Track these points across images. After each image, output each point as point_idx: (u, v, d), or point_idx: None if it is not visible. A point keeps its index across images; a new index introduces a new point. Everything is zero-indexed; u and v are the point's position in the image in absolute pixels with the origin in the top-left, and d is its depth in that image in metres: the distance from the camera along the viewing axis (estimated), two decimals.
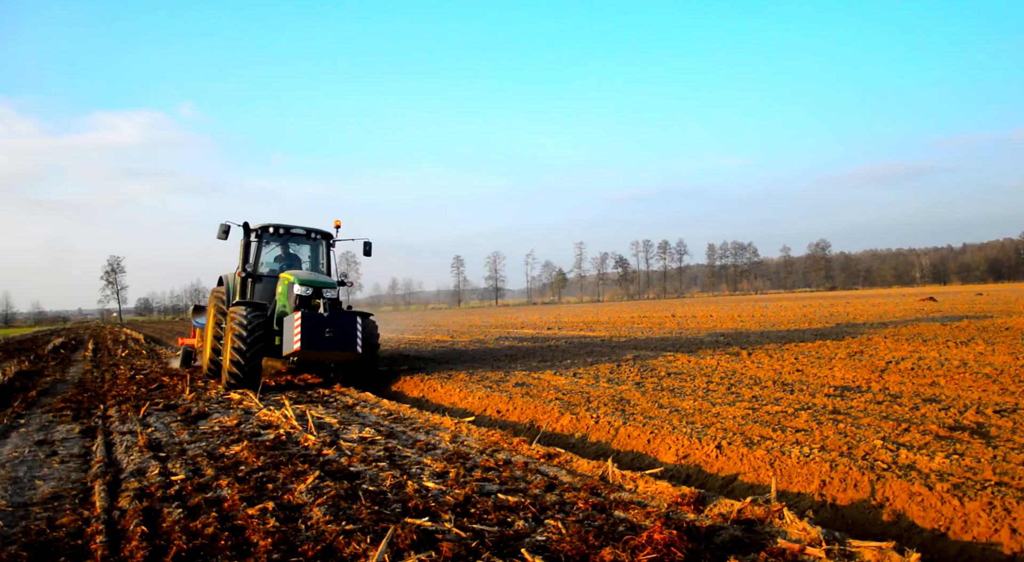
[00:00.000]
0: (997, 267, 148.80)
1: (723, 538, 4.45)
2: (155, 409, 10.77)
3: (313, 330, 11.67)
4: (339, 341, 11.92)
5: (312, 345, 11.66)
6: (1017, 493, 4.74)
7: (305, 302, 12.64)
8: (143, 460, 7.11)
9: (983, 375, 10.07)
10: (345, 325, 12.10)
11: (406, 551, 4.29)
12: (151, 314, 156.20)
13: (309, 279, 12.81)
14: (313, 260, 15.08)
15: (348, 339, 12.08)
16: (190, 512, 5.24)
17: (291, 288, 12.84)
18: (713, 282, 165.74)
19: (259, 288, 13.98)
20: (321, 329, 11.75)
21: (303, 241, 14.83)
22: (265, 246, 14.34)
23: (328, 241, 14.83)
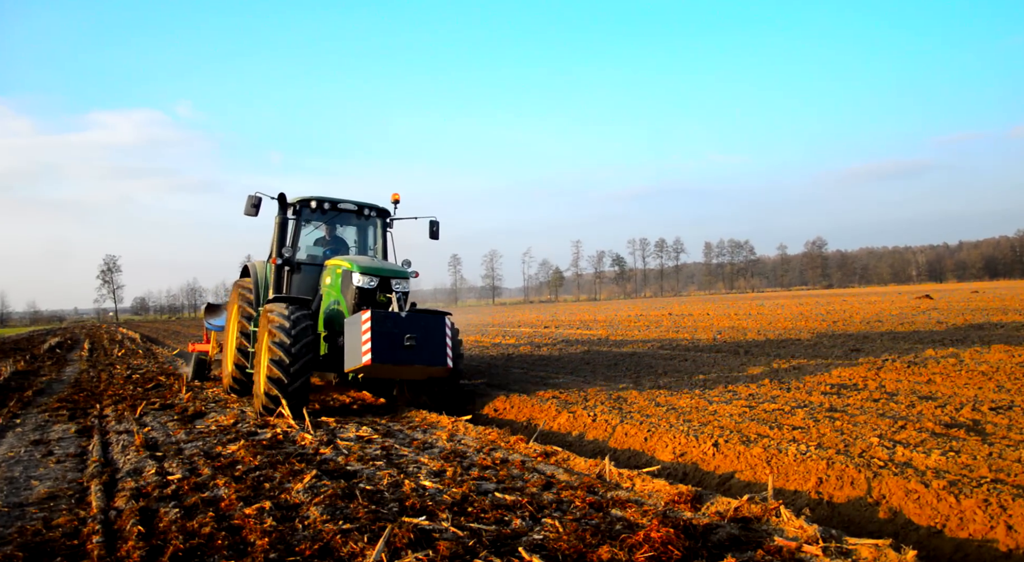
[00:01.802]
0: (993, 265, 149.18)
1: (720, 536, 4.45)
2: (152, 408, 10.75)
3: (388, 336, 8.67)
4: (424, 351, 8.86)
5: (387, 357, 8.60)
6: (1013, 490, 4.75)
7: (368, 297, 9.73)
8: (139, 460, 7.10)
9: (979, 373, 10.09)
10: (431, 329, 9.01)
11: (403, 550, 4.29)
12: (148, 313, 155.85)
13: (373, 266, 9.82)
14: (361, 243, 12.00)
15: (435, 348, 8.98)
16: (187, 512, 5.23)
17: (347, 279, 9.86)
18: (710, 280, 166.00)
19: (296, 280, 10.92)
20: (398, 335, 8.71)
21: (351, 220, 11.71)
22: (303, 226, 11.28)
23: (384, 220, 11.67)
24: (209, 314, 15.82)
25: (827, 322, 23.62)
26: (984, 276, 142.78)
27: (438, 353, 8.96)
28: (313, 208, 11.03)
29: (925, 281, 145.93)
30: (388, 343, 8.62)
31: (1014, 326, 17.99)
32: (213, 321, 15.23)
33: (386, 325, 8.69)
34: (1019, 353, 12.02)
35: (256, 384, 9.46)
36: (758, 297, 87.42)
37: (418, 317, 9.08)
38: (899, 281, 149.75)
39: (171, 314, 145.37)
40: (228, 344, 11.84)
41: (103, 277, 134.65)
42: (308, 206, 11.00)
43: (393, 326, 8.72)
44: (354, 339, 8.75)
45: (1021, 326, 17.91)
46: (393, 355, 8.63)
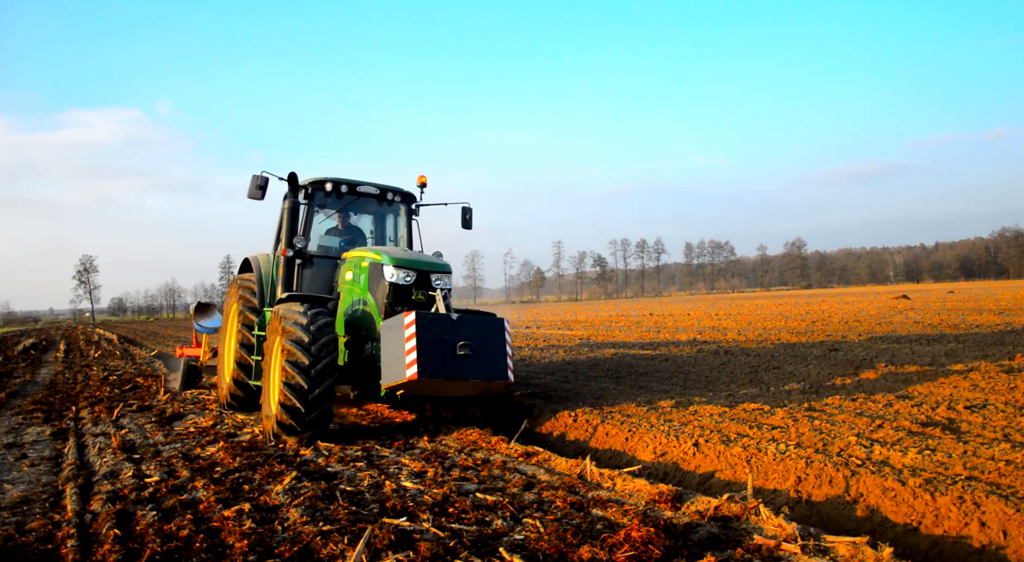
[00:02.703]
0: (968, 265, 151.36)
1: (700, 535, 4.48)
2: (129, 410, 10.62)
3: (437, 344, 7.10)
4: (479, 362, 7.27)
5: (437, 370, 7.04)
6: (986, 487, 4.82)
7: (402, 296, 8.10)
8: (116, 462, 7.01)
9: (956, 372, 10.23)
10: (488, 334, 7.48)
11: (384, 551, 4.27)
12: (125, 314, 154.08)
13: (409, 258, 8.28)
14: (379, 233, 10.46)
15: (494, 358, 7.40)
16: (164, 514, 5.18)
17: (376, 274, 8.25)
18: (691, 281, 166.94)
19: (306, 276, 9.34)
20: (449, 342, 7.16)
21: (370, 206, 10.16)
22: (315, 214, 9.76)
23: (410, 206, 10.19)
24: (199, 315, 14.00)
25: (806, 322, 23.84)
26: (960, 277, 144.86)
27: (497, 364, 7.40)
28: (328, 191, 9.43)
29: (902, 282, 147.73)
30: (438, 353, 7.04)
31: (988, 325, 18.26)
32: (204, 323, 13.68)
33: (434, 330, 7.13)
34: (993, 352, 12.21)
35: (266, 402, 7.90)
36: (738, 297, 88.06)
37: (472, 320, 7.56)
38: (877, 282, 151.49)
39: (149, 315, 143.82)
40: (225, 350, 10.40)
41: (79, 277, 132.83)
42: (322, 189, 9.41)
43: (442, 331, 7.17)
44: (393, 348, 7.16)
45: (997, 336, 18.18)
46: (444, 368, 7.06)
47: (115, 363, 20.50)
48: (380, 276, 8.19)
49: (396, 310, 7.90)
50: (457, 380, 7.23)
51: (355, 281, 8.60)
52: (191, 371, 12.99)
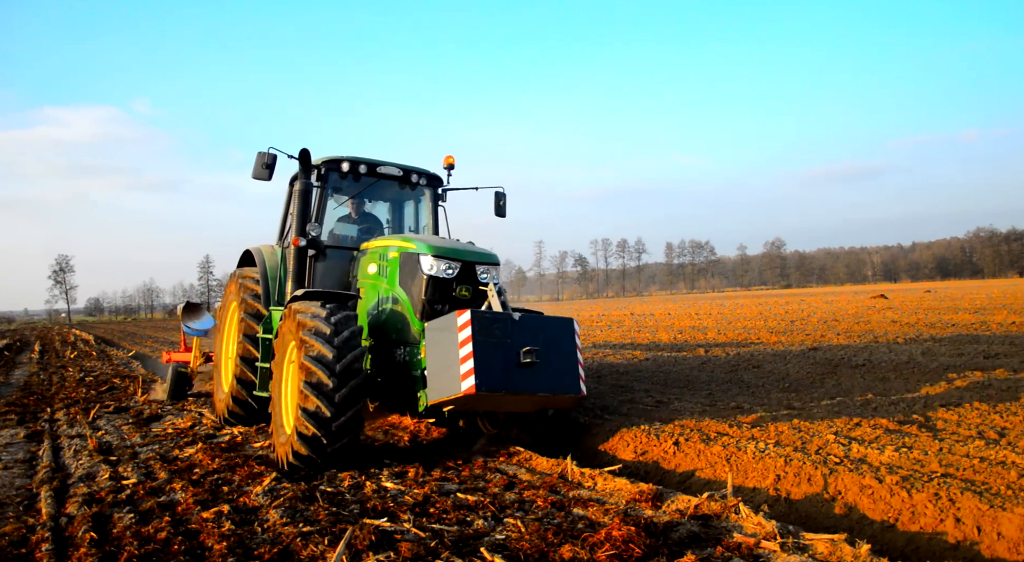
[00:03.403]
0: (944, 265, 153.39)
1: (680, 534, 4.50)
2: (106, 412, 10.49)
3: (497, 350, 5.92)
4: (547, 372, 6.08)
5: (499, 382, 5.83)
6: (961, 484, 4.89)
7: (443, 292, 6.94)
8: (93, 464, 6.92)
9: (931, 370, 10.37)
10: (556, 338, 6.29)
11: (364, 552, 4.25)
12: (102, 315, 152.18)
13: (451, 247, 7.09)
14: (396, 222, 9.26)
15: (563, 367, 6.21)
16: (142, 517, 5.12)
17: (409, 266, 7.07)
18: (671, 280, 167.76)
19: (319, 269, 8.03)
20: (511, 347, 5.97)
21: (390, 191, 8.89)
22: (329, 198, 8.47)
23: (436, 190, 8.94)
24: (188, 315, 12.90)
25: (785, 322, 24.05)
26: (936, 276, 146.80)
27: (567, 374, 6.18)
28: (344, 172, 8.19)
29: (880, 281, 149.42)
30: (499, 361, 5.86)
31: (964, 324, 18.53)
32: (193, 324, 12.67)
33: (494, 333, 5.94)
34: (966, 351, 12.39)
35: (278, 422, 6.69)
36: (718, 297, 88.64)
37: (537, 321, 6.31)
38: (855, 281, 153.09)
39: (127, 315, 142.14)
40: (223, 356, 9.27)
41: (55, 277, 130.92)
42: (337, 169, 8.17)
43: (503, 335, 5.98)
44: (444, 355, 5.97)
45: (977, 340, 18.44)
46: (506, 379, 5.84)
47: (91, 364, 20.24)
48: (415, 268, 6.96)
49: (436, 309, 6.81)
50: (522, 394, 5.97)
51: (380, 275, 7.40)
52: (180, 378, 11.76)
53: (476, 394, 5.74)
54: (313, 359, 6.03)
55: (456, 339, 5.89)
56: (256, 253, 8.85)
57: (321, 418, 5.94)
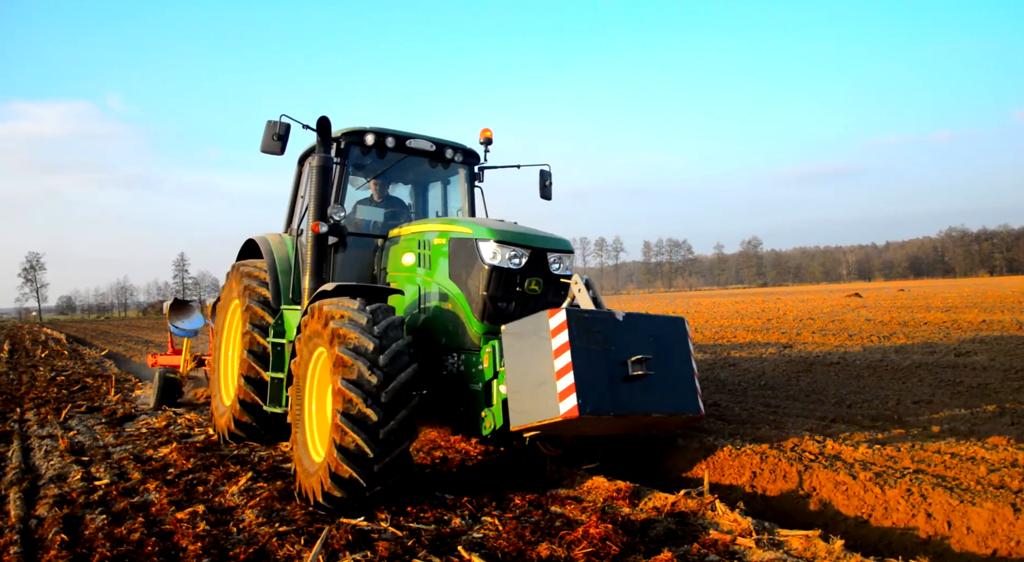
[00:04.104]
0: (917, 264, 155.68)
1: (657, 531, 4.52)
2: (78, 411, 10.33)
3: (600, 360, 4.82)
4: (661, 386, 4.99)
5: (607, 402, 4.72)
6: (933, 480, 4.97)
7: (507, 287, 5.77)
8: (64, 465, 6.81)
9: (904, 369, 10.52)
10: (669, 344, 5.21)
11: (341, 552, 4.23)
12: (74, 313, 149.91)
13: (518, 232, 5.94)
14: (421, 206, 8.04)
15: (679, 379, 5.16)
16: (115, 518, 5.05)
17: (464, 254, 5.91)
18: (649, 279, 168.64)
19: (338, 261, 6.78)
20: (615, 356, 4.88)
21: (415, 169, 7.69)
22: (349, 176, 7.19)
23: (472, 168, 7.72)
24: (175, 314, 11.65)
25: (761, 320, 24.28)
26: (909, 275, 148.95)
27: (683, 390, 5.12)
28: (367, 146, 6.99)
29: (855, 280, 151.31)
30: (603, 374, 4.76)
31: (936, 323, 18.83)
32: (182, 324, 11.45)
33: (595, 338, 4.83)
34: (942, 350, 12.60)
35: (302, 448, 5.50)
36: (695, 296, 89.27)
37: (645, 322, 5.19)
38: (830, 280, 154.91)
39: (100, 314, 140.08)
40: (223, 362, 8.09)
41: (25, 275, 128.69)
42: (359, 143, 6.97)
43: (607, 339, 4.88)
44: (532, 367, 4.87)
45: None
46: (615, 398, 4.73)
47: (63, 363, 19.92)
48: (472, 257, 5.79)
49: (500, 307, 5.71)
50: (632, 416, 4.83)
51: (421, 266, 6.28)
52: (169, 384, 10.64)
53: (580, 417, 4.56)
54: (352, 384, 4.84)
55: (549, 347, 4.76)
56: (262, 243, 7.58)
57: (361, 459, 4.78)
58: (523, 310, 5.65)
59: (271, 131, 6.38)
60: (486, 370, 5.45)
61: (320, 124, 6.40)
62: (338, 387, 4.87)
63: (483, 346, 5.57)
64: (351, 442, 4.79)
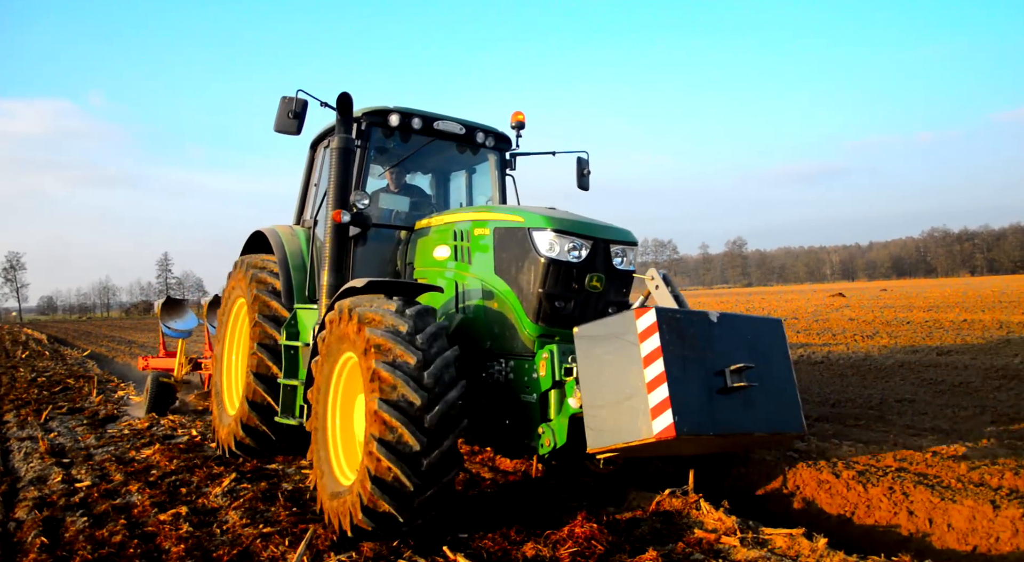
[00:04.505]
0: (900, 264, 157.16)
1: (642, 530, 4.54)
2: (58, 413, 10.21)
3: (696, 369, 4.22)
4: (762, 399, 4.42)
5: (706, 419, 4.13)
6: (914, 477, 5.02)
7: (566, 281, 5.12)
8: (44, 467, 6.74)
9: (886, 368, 10.61)
10: (765, 347, 4.63)
11: (326, 553, 4.21)
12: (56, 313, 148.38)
13: (579, 221, 5.29)
14: (443, 196, 7.38)
15: (781, 391, 4.58)
16: (96, 520, 5.00)
17: (512, 246, 5.28)
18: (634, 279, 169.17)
19: (357, 255, 6.09)
20: (710, 364, 4.29)
21: (439, 156, 7.00)
22: (371, 160, 6.55)
23: (503, 155, 7.12)
24: (168, 314, 11.06)
25: None
26: (892, 275, 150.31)
27: (785, 403, 4.56)
28: (391, 128, 6.37)
29: (839, 280, 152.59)
30: (700, 386, 4.16)
31: (918, 322, 19.02)
32: (174, 324, 10.85)
33: (689, 343, 4.22)
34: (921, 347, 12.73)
35: (325, 468, 4.87)
36: None
37: (743, 324, 4.62)
38: (815, 280, 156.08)
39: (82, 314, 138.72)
40: (225, 367, 7.36)
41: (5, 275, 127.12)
42: (382, 124, 6.36)
43: (700, 344, 4.27)
44: (615, 378, 4.24)
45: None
46: (713, 415, 4.14)
47: (44, 364, 19.69)
48: (525, 250, 5.15)
49: (557, 306, 5.06)
50: (733, 435, 4.25)
51: (458, 260, 5.64)
52: (162, 389, 9.83)
53: (676, 439, 3.94)
54: (391, 406, 4.19)
55: (638, 353, 4.12)
56: (271, 235, 6.91)
57: (400, 492, 4.17)
58: (583, 310, 5.10)
59: (286, 109, 5.70)
60: (542, 379, 4.78)
61: (340, 102, 5.81)
62: (374, 408, 4.19)
63: (538, 351, 4.88)
64: (388, 473, 4.13)
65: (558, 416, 4.69)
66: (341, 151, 5.70)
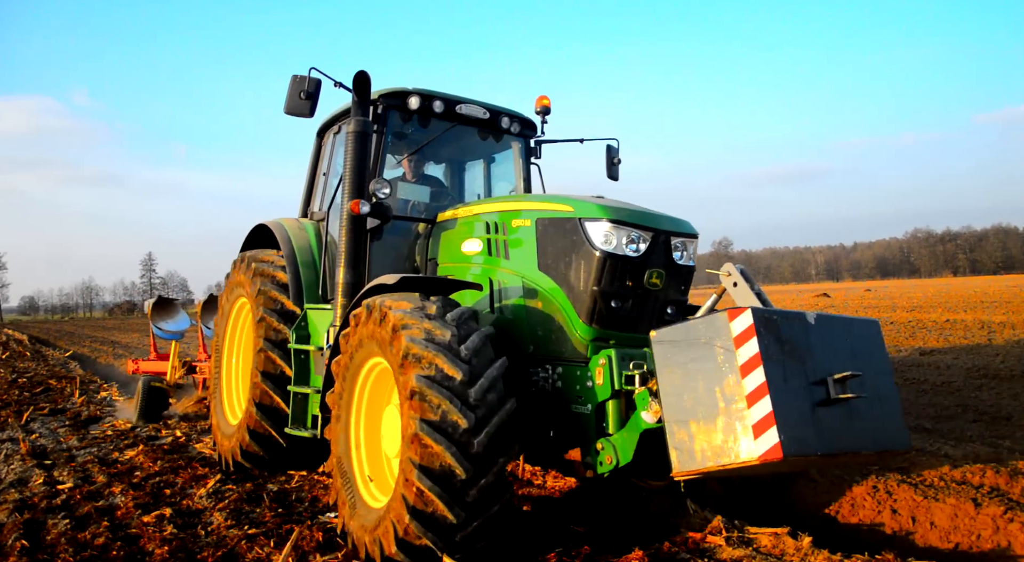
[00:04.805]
0: (884, 265, 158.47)
1: (628, 528, 4.54)
2: (40, 414, 10.10)
3: (798, 379, 3.66)
4: (866, 413, 3.88)
5: (813, 438, 3.57)
6: (898, 476, 5.06)
7: (622, 278, 4.54)
8: (25, 469, 6.66)
9: None
10: (867, 353, 4.16)
11: (311, 554, 4.19)
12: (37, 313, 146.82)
13: (637, 210, 4.76)
14: (458, 187, 6.85)
15: (885, 403, 4.07)
16: (79, 522, 4.95)
17: (562, 238, 4.70)
18: None
19: (374, 250, 5.57)
20: (812, 373, 3.73)
21: (461, 141, 6.41)
22: (387, 146, 6.01)
23: (528, 142, 6.63)
24: (159, 314, 10.49)
25: None
26: (876, 275, 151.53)
27: (889, 417, 4.10)
28: (410, 111, 5.84)
29: (823, 280, 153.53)
30: (804, 399, 3.65)
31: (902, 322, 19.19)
32: (166, 325, 10.32)
33: (787, 347, 3.71)
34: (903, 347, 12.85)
35: (350, 490, 4.42)
36: None
37: (840, 326, 4.15)
38: (799, 280, 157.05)
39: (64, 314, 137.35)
40: (224, 372, 6.84)
41: None
42: (401, 107, 5.83)
43: (801, 350, 3.77)
44: (703, 390, 3.71)
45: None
46: (819, 432, 3.63)
47: (25, 365, 19.47)
48: (577, 243, 4.58)
49: (612, 306, 4.51)
50: (840, 455, 3.81)
51: (493, 254, 5.08)
52: (154, 394, 9.20)
53: (784, 460, 3.42)
54: (434, 429, 3.69)
55: (734, 361, 3.60)
56: (277, 229, 6.36)
57: (441, 526, 3.70)
58: (640, 310, 4.61)
59: (297, 89, 5.18)
60: (598, 388, 4.25)
61: (357, 81, 5.31)
62: (414, 431, 3.69)
63: (593, 356, 4.35)
64: (428, 505, 3.65)
65: (621, 431, 4.11)
66: (358, 135, 5.24)
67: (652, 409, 3.93)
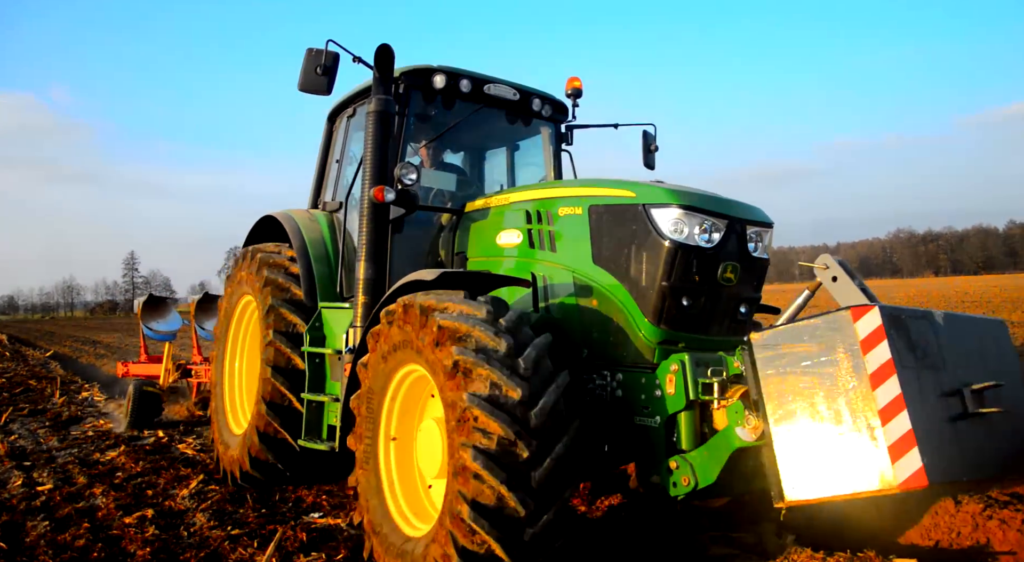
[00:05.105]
0: (867, 265, 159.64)
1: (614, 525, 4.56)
2: (20, 415, 9.99)
3: (934, 386, 3.18)
4: (1003, 426, 3.40)
5: (959, 463, 3.13)
6: None
7: (690, 273, 3.96)
8: (4, 471, 6.59)
9: None
10: (994, 356, 3.66)
11: (295, 554, 4.17)
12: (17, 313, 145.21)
13: (710, 196, 4.21)
14: (476, 176, 6.37)
15: (1018, 418, 3.52)
16: (59, 524, 4.89)
17: (622, 227, 4.13)
18: None
19: (393, 243, 4.98)
20: (945, 381, 3.24)
21: (485, 126, 5.90)
22: (411, 128, 5.54)
23: (558, 127, 6.13)
24: (149, 313, 9.90)
25: None
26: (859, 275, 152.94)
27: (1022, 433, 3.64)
28: (435, 91, 5.35)
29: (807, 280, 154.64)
30: (941, 414, 3.20)
31: None
32: (157, 326, 9.77)
33: (919, 352, 3.24)
34: None
35: (374, 496, 4.01)
36: None
37: (969, 326, 3.83)
38: (783, 280, 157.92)
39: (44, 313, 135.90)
40: (226, 377, 6.28)
41: None
42: (424, 87, 5.34)
43: (933, 356, 3.31)
44: (818, 405, 3.18)
45: None
46: (962, 453, 3.21)
47: (4, 365, 19.24)
48: (641, 232, 4.04)
49: (684, 304, 4.00)
50: (985, 482, 3.69)
51: (536, 247, 4.58)
52: (145, 399, 8.56)
53: (927, 488, 2.96)
54: (489, 459, 3.20)
55: (863, 369, 3.06)
56: (286, 221, 5.75)
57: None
58: (711, 308, 4.11)
59: (312, 63, 4.65)
60: (669, 398, 3.75)
61: (380, 56, 4.76)
62: (466, 461, 3.21)
63: (662, 362, 3.87)
64: (481, 546, 3.18)
65: (702, 448, 3.63)
66: (380, 115, 4.72)
67: (750, 424, 3.40)
